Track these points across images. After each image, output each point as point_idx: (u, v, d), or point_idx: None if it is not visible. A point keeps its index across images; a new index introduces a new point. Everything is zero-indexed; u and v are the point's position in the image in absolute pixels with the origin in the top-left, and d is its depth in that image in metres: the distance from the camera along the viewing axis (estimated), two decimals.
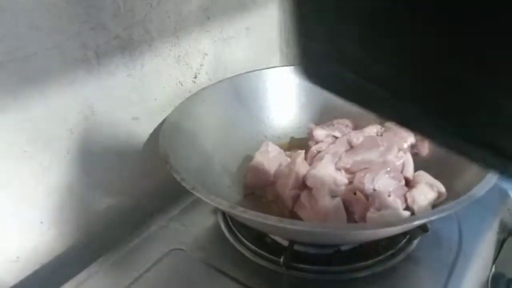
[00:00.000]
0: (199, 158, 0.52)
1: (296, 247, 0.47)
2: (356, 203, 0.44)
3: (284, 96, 0.64)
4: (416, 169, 0.51)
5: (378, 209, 0.42)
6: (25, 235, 0.46)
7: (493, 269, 0.47)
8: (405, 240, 0.48)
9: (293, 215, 0.49)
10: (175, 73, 0.59)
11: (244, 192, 0.54)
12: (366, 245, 0.49)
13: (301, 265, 0.45)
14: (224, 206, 0.37)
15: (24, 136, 0.43)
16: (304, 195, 0.46)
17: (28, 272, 0.47)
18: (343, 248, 0.48)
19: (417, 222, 0.39)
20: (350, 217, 0.46)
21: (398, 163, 0.48)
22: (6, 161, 0.42)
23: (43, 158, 0.45)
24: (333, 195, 0.45)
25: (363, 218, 0.45)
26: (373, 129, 0.54)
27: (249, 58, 0.71)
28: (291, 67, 0.65)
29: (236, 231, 0.50)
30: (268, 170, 0.51)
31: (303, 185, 0.48)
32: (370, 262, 0.46)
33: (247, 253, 0.47)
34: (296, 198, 0.48)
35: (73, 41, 0.44)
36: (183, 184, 0.40)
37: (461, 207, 0.38)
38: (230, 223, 0.51)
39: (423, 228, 0.47)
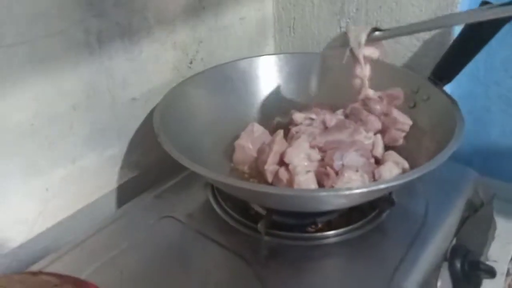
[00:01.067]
0: (190, 136, 0.56)
1: (275, 217, 0.52)
2: (326, 177, 0.48)
3: (273, 83, 0.69)
4: None
5: (345, 183, 0.47)
6: (32, 200, 0.51)
7: (454, 241, 0.52)
8: (374, 213, 0.53)
9: None
10: (171, 58, 0.64)
11: (230, 167, 0.59)
12: (339, 217, 0.54)
13: (278, 232, 0.50)
14: (204, 172, 0.42)
15: (31, 111, 0.48)
16: (281, 171, 0.51)
17: (34, 233, 0.52)
18: (319, 220, 0.53)
19: (374, 188, 0.43)
20: None
21: (367, 142, 0.53)
22: (15, 133, 0.47)
23: (48, 131, 0.50)
24: (307, 170, 0.50)
25: None
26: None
27: (243, 46, 0.76)
28: (281, 56, 0.69)
29: (222, 203, 0.55)
30: (251, 148, 0.57)
31: (281, 161, 0.53)
32: (341, 230, 0.50)
33: (231, 221, 0.52)
34: (274, 173, 0.53)
35: (77, 27, 0.50)
36: (171, 154, 0.45)
37: (413, 178, 0.43)
38: (218, 196, 0.56)
39: (390, 201, 0.52)
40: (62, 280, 0.39)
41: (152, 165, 0.62)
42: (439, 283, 0.47)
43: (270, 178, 0.53)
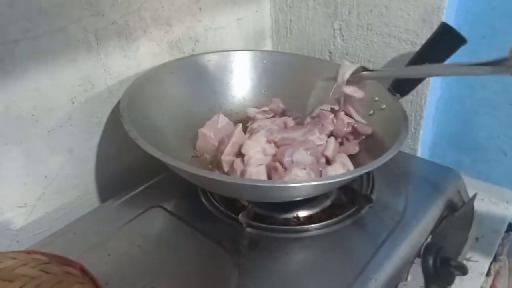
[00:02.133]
0: (158, 120, 0.59)
1: (258, 210, 0.55)
2: (275, 171, 0.51)
3: (246, 78, 0.72)
4: None
5: (292, 179, 0.49)
6: (31, 186, 0.55)
7: (429, 239, 0.53)
8: (354, 209, 0.55)
9: None
10: (168, 56, 0.67)
11: (193, 154, 0.62)
12: (321, 212, 0.56)
13: (259, 224, 0.52)
14: (158, 155, 0.45)
15: (32, 102, 0.52)
16: (237, 161, 0.54)
17: (33, 217, 0.56)
18: (301, 214, 0.56)
19: (305, 184, 0.46)
20: None
21: (319, 143, 0.56)
22: (17, 122, 0.51)
23: (48, 122, 0.54)
24: (260, 163, 0.52)
25: None
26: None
27: (240, 46, 0.79)
28: (257, 52, 0.72)
29: (209, 195, 0.57)
30: (213, 137, 0.60)
31: (238, 153, 0.56)
32: (320, 224, 0.53)
33: (216, 212, 0.55)
34: (230, 163, 0.56)
35: (76, 25, 0.53)
36: (130, 135, 0.48)
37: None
38: (204, 188, 0.59)
39: (367, 198, 0.54)
40: (52, 259, 0.43)
41: (146, 157, 0.65)
42: (409, 278, 0.49)
43: (226, 167, 0.56)
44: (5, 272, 0.39)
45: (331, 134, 0.60)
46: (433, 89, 0.70)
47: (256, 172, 0.50)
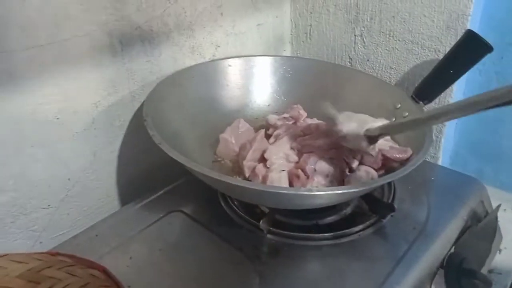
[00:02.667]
0: (179, 124, 0.60)
1: (279, 217, 0.54)
2: (296, 179, 0.51)
3: (268, 83, 0.72)
4: None
5: (314, 187, 0.49)
6: (55, 188, 0.56)
7: (452, 250, 0.52)
8: (375, 217, 0.54)
9: None
10: (189, 61, 0.67)
11: (214, 159, 0.62)
12: (341, 220, 0.56)
13: (280, 231, 0.52)
14: (182, 160, 0.45)
15: (58, 106, 0.52)
16: (259, 167, 0.54)
17: (56, 218, 0.57)
18: (320, 222, 0.55)
19: (329, 192, 0.45)
20: None
21: (345, 158, 0.55)
22: (42, 125, 0.52)
23: (72, 125, 0.55)
24: (282, 169, 0.52)
25: None
26: None
27: (260, 51, 0.79)
28: (277, 58, 0.72)
29: (230, 201, 0.57)
30: (234, 142, 0.60)
31: (260, 158, 0.56)
32: (341, 232, 0.52)
33: (236, 218, 0.55)
34: (251, 169, 0.55)
35: (101, 30, 0.54)
36: (154, 139, 0.48)
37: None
38: (226, 194, 0.59)
39: (390, 207, 0.53)
40: (76, 261, 0.43)
41: (166, 162, 0.66)
42: None
43: (247, 173, 0.56)
44: (32, 273, 0.39)
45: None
46: (456, 96, 0.69)
47: (278, 178, 0.50)
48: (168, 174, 0.62)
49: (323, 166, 0.51)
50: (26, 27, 0.47)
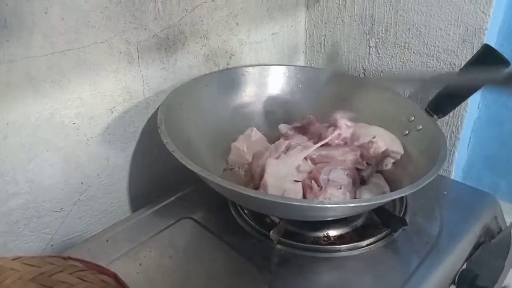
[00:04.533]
0: (192, 132, 0.60)
1: (289, 227, 0.54)
2: (309, 190, 0.50)
3: (281, 92, 0.72)
4: None
5: (326, 198, 0.49)
6: (68, 192, 0.56)
7: (464, 266, 0.52)
8: (387, 231, 0.54)
9: None
10: (204, 69, 0.68)
11: (226, 167, 0.63)
12: (352, 232, 0.55)
13: (290, 241, 0.52)
14: (195, 168, 0.45)
15: (74, 110, 0.53)
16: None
17: (68, 222, 0.57)
18: (332, 233, 0.55)
19: (342, 205, 0.45)
20: None
21: (358, 166, 0.55)
22: (60, 130, 0.53)
23: (87, 130, 0.56)
24: (295, 180, 0.52)
25: None
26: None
27: (274, 60, 0.79)
28: (290, 67, 0.72)
29: (240, 210, 0.57)
30: (246, 151, 0.60)
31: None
32: (351, 245, 0.52)
33: (246, 227, 0.55)
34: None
35: (119, 38, 0.54)
36: (167, 147, 0.48)
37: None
38: (236, 202, 0.59)
39: (402, 221, 0.53)
40: (87, 266, 0.43)
41: (177, 169, 0.66)
42: None
43: (258, 181, 0.56)
44: (44, 277, 0.40)
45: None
46: (471, 110, 0.68)
47: (293, 189, 0.50)
48: (179, 180, 0.63)
49: (337, 177, 0.51)
50: (48, 35, 0.48)
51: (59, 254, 0.52)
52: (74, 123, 0.54)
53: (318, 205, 0.42)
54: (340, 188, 0.50)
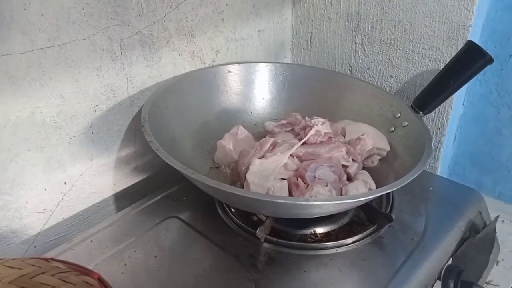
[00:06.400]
0: (177, 130, 0.59)
1: (276, 225, 0.54)
2: (296, 187, 0.50)
3: (268, 89, 0.71)
4: None
5: (313, 196, 0.49)
6: (51, 192, 0.55)
7: (449, 261, 0.52)
8: (373, 227, 0.54)
9: None
10: (189, 66, 0.67)
11: (212, 165, 0.62)
12: (339, 229, 0.55)
13: (277, 239, 0.52)
14: (179, 167, 0.44)
15: (56, 109, 0.52)
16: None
17: (51, 223, 0.56)
18: (318, 231, 0.55)
19: (327, 203, 0.45)
20: None
21: (343, 163, 0.55)
22: (41, 128, 0.51)
23: (70, 129, 0.54)
24: (282, 178, 0.52)
25: None
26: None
27: (260, 57, 0.79)
28: (277, 64, 0.72)
29: (226, 208, 0.57)
30: (232, 149, 0.59)
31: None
32: (338, 242, 0.52)
33: (233, 226, 0.55)
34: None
35: (101, 34, 0.53)
36: (151, 145, 0.48)
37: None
38: (222, 201, 0.58)
39: (387, 218, 0.53)
40: (70, 267, 0.43)
41: (163, 167, 0.66)
42: None
43: (244, 180, 0.55)
44: (25, 279, 0.39)
45: None
46: (456, 107, 0.69)
47: (279, 187, 0.50)
48: (165, 179, 0.62)
49: (323, 174, 0.51)
50: (27, 31, 0.47)
51: (43, 254, 0.52)
52: (55, 122, 0.53)
53: (303, 203, 0.42)
54: (326, 185, 0.49)
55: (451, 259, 0.52)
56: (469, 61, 0.57)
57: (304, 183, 0.50)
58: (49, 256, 0.50)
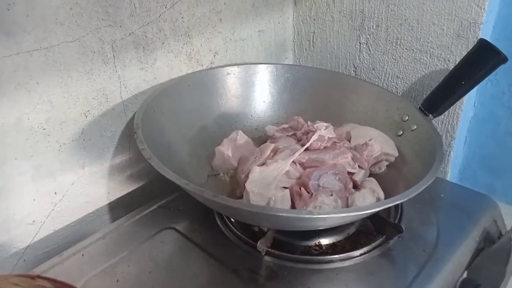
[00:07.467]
0: (173, 136, 0.56)
1: (278, 236, 0.51)
2: (299, 197, 0.47)
3: (269, 92, 0.68)
4: None
5: (317, 206, 0.45)
6: (40, 202, 0.52)
7: (464, 275, 0.49)
8: (382, 238, 0.51)
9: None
10: (186, 68, 0.64)
11: (210, 173, 0.59)
12: (345, 240, 0.52)
13: (279, 252, 0.49)
14: (172, 177, 0.42)
15: (44, 115, 0.49)
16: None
17: (41, 235, 0.53)
18: (323, 242, 0.52)
19: (332, 216, 0.42)
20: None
21: (349, 170, 0.52)
22: (28, 136, 0.49)
23: (59, 136, 0.52)
24: (284, 187, 0.49)
25: None
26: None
27: (260, 59, 0.76)
28: (278, 66, 0.69)
29: (226, 219, 0.54)
30: (231, 156, 0.56)
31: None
32: (344, 255, 0.49)
33: (232, 237, 0.51)
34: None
35: (92, 36, 0.51)
36: (143, 153, 0.45)
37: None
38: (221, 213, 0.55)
39: (397, 228, 0.49)
40: (57, 286, 0.40)
41: (159, 175, 0.63)
42: None
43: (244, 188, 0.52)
44: None
45: None
46: (466, 108, 0.66)
47: (281, 197, 0.46)
48: (161, 187, 0.59)
49: (328, 182, 0.47)
50: (12, 33, 0.44)
51: (33, 269, 0.49)
52: (44, 128, 0.50)
53: (307, 216, 0.39)
54: (331, 195, 0.46)
55: (465, 272, 0.49)
56: (482, 60, 0.54)
57: (308, 192, 0.47)
58: (37, 271, 0.47)
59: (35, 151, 0.50)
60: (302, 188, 0.47)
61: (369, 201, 0.49)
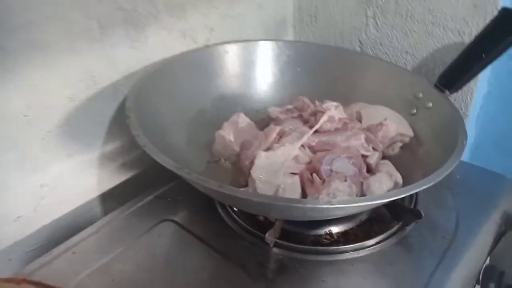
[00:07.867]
0: (169, 120, 0.52)
1: (286, 226, 0.47)
2: (310, 184, 0.43)
3: (270, 71, 0.64)
4: None
5: (331, 193, 0.42)
6: (26, 196, 0.48)
7: (487, 261, 0.46)
8: (398, 225, 0.47)
9: None
10: (180, 47, 0.59)
11: (210, 159, 0.55)
12: (357, 228, 0.48)
13: (288, 243, 0.45)
14: (169, 164, 0.38)
15: (25, 100, 0.44)
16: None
17: (28, 231, 0.49)
18: (334, 230, 0.48)
19: (353, 205, 0.38)
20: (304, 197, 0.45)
21: (363, 152, 0.48)
22: (7, 123, 0.44)
23: (43, 124, 0.47)
24: (293, 173, 0.45)
25: None
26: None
27: (259, 35, 0.71)
28: (279, 42, 0.64)
29: (229, 208, 0.50)
30: (233, 140, 0.52)
31: None
32: (358, 244, 0.45)
33: (237, 229, 0.48)
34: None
35: (76, 11, 0.46)
36: (137, 140, 0.41)
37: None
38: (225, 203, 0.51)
39: (415, 213, 0.46)
40: None
41: (155, 162, 0.58)
42: None
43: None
44: None
45: None
46: (481, 84, 0.62)
47: (291, 184, 0.42)
48: (157, 176, 0.55)
49: (341, 166, 0.44)
50: None
51: (20, 270, 0.45)
52: (25, 115, 0.45)
53: (325, 206, 0.35)
54: (346, 180, 0.42)
55: (488, 258, 0.46)
56: (503, 31, 0.49)
57: (320, 178, 0.43)
58: (25, 272, 0.43)
59: (17, 141, 0.45)
60: (314, 174, 0.43)
61: (386, 185, 0.45)
